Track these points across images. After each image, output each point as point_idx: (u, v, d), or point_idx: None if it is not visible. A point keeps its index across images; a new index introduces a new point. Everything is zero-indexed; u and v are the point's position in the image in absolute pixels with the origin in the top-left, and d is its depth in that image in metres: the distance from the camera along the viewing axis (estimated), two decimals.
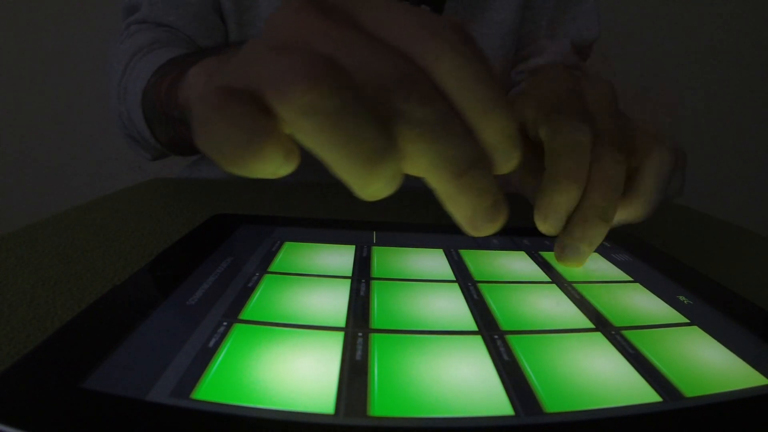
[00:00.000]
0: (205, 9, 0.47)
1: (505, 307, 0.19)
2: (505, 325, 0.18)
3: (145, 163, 1.07)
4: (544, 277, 0.23)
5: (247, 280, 0.20)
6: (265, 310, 0.17)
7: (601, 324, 0.18)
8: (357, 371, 0.14)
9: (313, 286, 0.20)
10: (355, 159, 0.13)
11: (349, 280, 0.21)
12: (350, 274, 0.21)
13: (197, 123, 0.14)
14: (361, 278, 0.21)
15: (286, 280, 0.20)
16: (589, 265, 0.25)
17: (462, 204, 0.15)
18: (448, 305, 0.19)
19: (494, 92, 0.15)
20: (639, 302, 0.21)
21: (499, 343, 0.16)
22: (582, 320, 0.19)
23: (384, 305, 0.18)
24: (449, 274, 0.22)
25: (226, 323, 0.16)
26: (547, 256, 0.26)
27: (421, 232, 0.28)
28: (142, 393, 0.12)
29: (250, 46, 0.15)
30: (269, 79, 0.13)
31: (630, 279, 0.24)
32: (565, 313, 0.19)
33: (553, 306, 0.20)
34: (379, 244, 0.26)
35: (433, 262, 0.24)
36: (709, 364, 0.16)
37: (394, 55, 0.14)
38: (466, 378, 0.14)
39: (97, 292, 0.20)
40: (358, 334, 0.16)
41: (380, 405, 0.13)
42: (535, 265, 0.24)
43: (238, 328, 0.16)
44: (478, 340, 0.16)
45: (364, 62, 0.14)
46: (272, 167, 0.14)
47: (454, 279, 0.22)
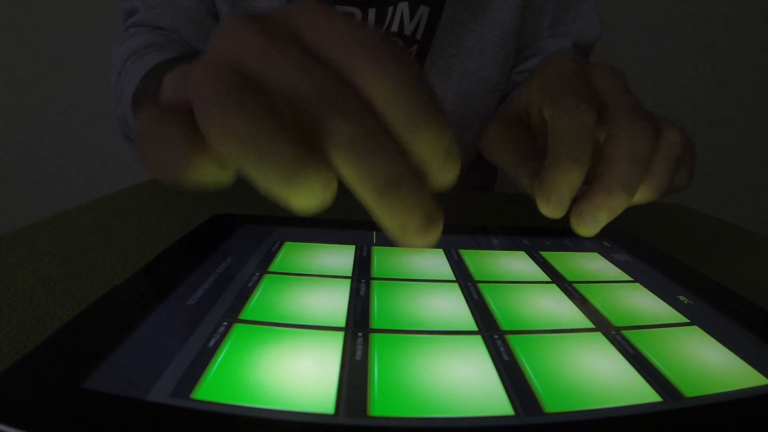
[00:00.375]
0: (200, 13, 0.48)
1: (505, 307, 0.19)
2: (505, 325, 0.18)
3: None
4: (544, 277, 0.23)
5: (247, 280, 0.20)
6: (265, 310, 0.17)
7: (601, 324, 0.18)
8: (357, 371, 0.14)
9: (313, 286, 0.20)
10: (271, 176, 0.13)
11: (349, 280, 0.21)
12: (350, 274, 0.21)
13: (135, 140, 0.15)
14: (361, 278, 0.21)
15: (286, 280, 0.20)
16: (589, 265, 0.25)
17: (390, 219, 0.15)
18: (448, 305, 0.19)
19: (423, 107, 0.15)
20: (639, 302, 0.21)
21: (499, 343, 0.16)
22: (582, 320, 0.19)
23: (384, 305, 0.18)
24: (449, 274, 0.22)
25: (226, 323, 0.16)
26: (547, 256, 0.26)
27: None
28: (142, 393, 0.12)
29: (199, 59, 0.16)
30: (194, 101, 0.14)
31: (630, 279, 0.24)
32: (565, 313, 0.19)
33: (553, 306, 0.20)
34: (379, 244, 0.26)
35: (433, 262, 0.24)
36: (709, 364, 0.16)
37: (323, 72, 0.14)
38: (466, 378, 0.14)
39: (97, 292, 0.20)
40: (358, 334, 0.16)
41: (380, 405, 0.13)
42: (535, 265, 0.24)
43: (238, 328, 0.16)
44: (478, 340, 0.16)
45: (292, 80, 0.14)
46: (206, 180, 0.15)
47: (454, 279, 0.22)
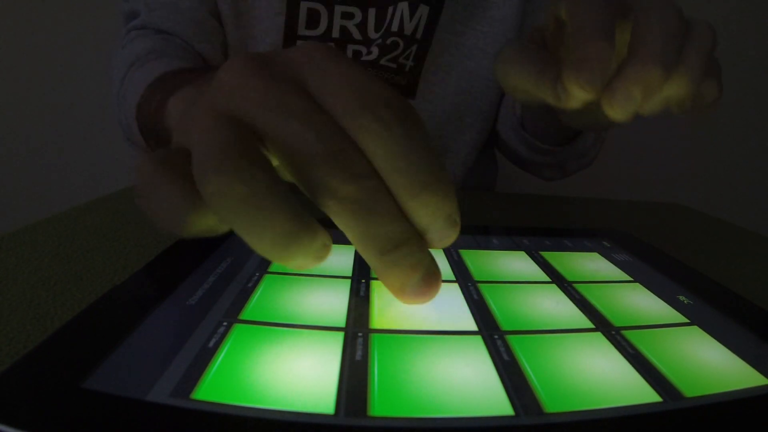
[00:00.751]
0: (202, 14, 0.48)
1: (505, 307, 0.19)
2: (505, 325, 0.18)
3: None
4: (544, 277, 0.23)
5: (247, 280, 0.20)
6: (265, 310, 0.17)
7: (601, 324, 0.18)
8: (357, 371, 0.14)
9: (313, 286, 0.20)
10: (265, 242, 0.13)
11: (349, 280, 0.21)
12: (350, 274, 0.21)
13: (136, 189, 0.15)
14: (361, 278, 0.21)
15: (286, 280, 0.20)
16: (589, 265, 0.25)
17: (389, 278, 0.15)
18: (448, 305, 0.19)
19: (427, 171, 0.14)
20: (639, 302, 0.21)
21: (499, 343, 0.16)
22: (582, 320, 0.19)
23: (384, 305, 0.18)
24: (449, 274, 0.22)
25: (226, 323, 0.16)
26: (547, 256, 0.26)
27: None
28: (142, 393, 0.12)
29: (201, 97, 0.16)
30: (193, 154, 0.14)
31: (630, 279, 0.24)
32: (565, 313, 0.19)
33: (553, 306, 0.20)
34: None
35: None
36: (709, 364, 0.16)
37: (327, 128, 0.14)
38: (466, 378, 0.14)
39: (97, 292, 0.20)
40: (358, 334, 0.16)
41: (380, 405, 0.13)
42: (535, 265, 0.24)
43: (238, 328, 0.16)
44: (478, 340, 0.16)
45: (296, 134, 0.14)
46: (203, 229, 0.15)
47: (454, 279, 0.22)
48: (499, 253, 0.26)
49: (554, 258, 0.26)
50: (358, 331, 0.16)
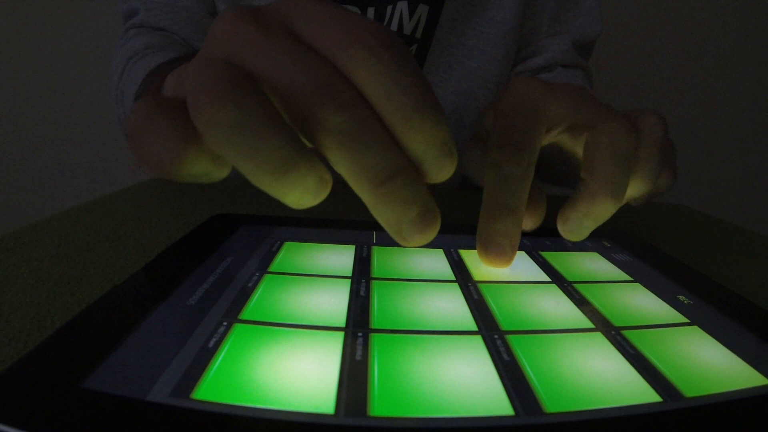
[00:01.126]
0: (199, 13, 0.48)
1: (505, 307, 0.19)
2: (505, 325, 0.18)
3: None
4: (544, 277, 0.23)
5: (247, 280, 0.20)
6: (265, 310, 0.17)
7: (601, 324, 0.18)
8: (357, 371, 0.14)
9: (313, 286, 0.20)
10: (263, 170, 0.13)
11: (349, 280, 0.21)
12: (350, 274, 0.21)
13: (129, 133, 0.15)
14: (361, 278, 0.21)
15: (286, 280, 0.20)
16: (589, 265, 0.25)
17: (385, 214, 0.15)
18: (448, 305, 0.19)
19: (418, 97, 0.14)
20: (639, 302, 0.21)
21: (499, 343, 0.16)
22: (582, 320, 0.19)
23: (384, 305, 0.18)
24: (449, 274, 0.22)
25: (226, 323, 0.16)
26: (547, 256, 0.26)
27: None
28: (142, 393, 0.12)
29: (196, 55, 0.16)
30: (187, 93, 0.14)
31: (630, 279, 0.24)
32: (565, 313, 0.19)
33: (553, 306, 0.20)
34: (379, 244, 0.26)
35: (433, 262, 0.24)
36: (709, 364, 0.16)
37: (316, 63, 0.14)
38: (466, 378, 0.14)
39: (97, 292, 0.20)
40: (358, 334, 0.16)
41: (380, 405, 0.13)
42: (535, 265, 0.24)
43: (238, 328, 0.16)
44: (478, 340, 0.16)
45: (285, 71, 0.14)
46: (198, 172, 0.15)
47: (454, 279, 0.22)
48: None
49: (554, 258, 0.26)
50: (358, 331, 0.16)
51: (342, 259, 0.23)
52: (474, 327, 0.17)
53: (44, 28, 1.04)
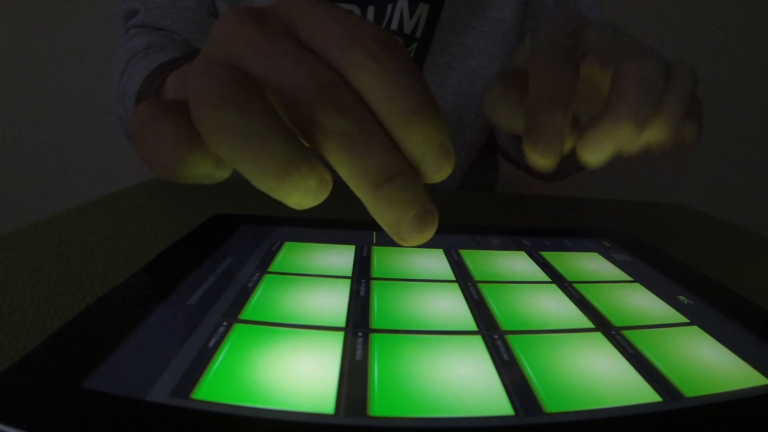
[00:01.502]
0: (199, 13, 0.48)
1: (505, 307, 0.19)
2: (505, 325, 0.18)
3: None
4: (544, 277, 0.23)
5: (247, 280, 0.20)
6: (265, 310, 0.17)
7: (601, 324, 0.18)
8: (357, 371, 0.14)
9: (313, 286, 0.20)
10: (265, 173, 0.13)
11: (349, 280, 0.21)
12: (350, 274, 0.21)
13: (132, 134, 0.15)
14: (361, 278, 0.21)
15: (285, 280, 0.20)
16: (589, 265, 0.25)
17: (384, 214, 0.15)
18: (448, 305, 0.19)
19: (416, 100, 0.14)
20: (639, 302, 0.21)
21: (499, 343, 0.16)
22: (582, 320, 0.19)
23: (384, 305, 0.18)
24: (449, 274, 0.22)
25: (226, 323, 0.16)
26: (547, 256, 0.26)
27: None
28: (142, 393, 0.12)
29: (197, 56, 0.16)
30: (189, 96, 0.14)
31: (630, 279, 0.24)
32: (565, 313, 0.19)
33: (553, 306, 0.20)
34: (379, 244, 0.26)
35: (433, 262, 0.24)
36: (709, 364, 0.16)
37: (316, 66, 0.15)
38: (466, 378, 0.14)
39: (97, 292, 0.20)
40: (358, 334, 0.16)
41: (380, 405, 0.13)
42: (535, 265, 0.24)
43: (238, 328, 0.16)
44: (478, 340, 0.16)
45: (285, 73, 0.14)
46: (201, 174, 0.15)
47: (454, 279, 0.22)
48: (499, 253, 0.26)
49: (554, 258, 0.26)
50: (358, 331, 0.16)
51: (342, 259, 0.23)
52: (474, 327, 0.17)
53: (44, 28, 1.04)
